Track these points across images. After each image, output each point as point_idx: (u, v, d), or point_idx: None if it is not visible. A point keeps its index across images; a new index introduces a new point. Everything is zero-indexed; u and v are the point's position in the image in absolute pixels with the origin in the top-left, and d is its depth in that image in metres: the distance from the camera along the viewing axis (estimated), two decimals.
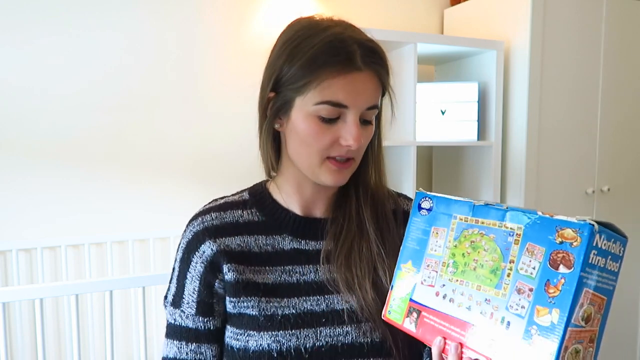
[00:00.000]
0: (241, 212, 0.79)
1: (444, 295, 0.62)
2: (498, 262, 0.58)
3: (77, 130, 1.92)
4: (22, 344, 1.86)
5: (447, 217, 0.65)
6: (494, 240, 0.59)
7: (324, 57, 0.68)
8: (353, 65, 0.68)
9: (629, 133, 2.30)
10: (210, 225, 0.76)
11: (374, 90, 0.71)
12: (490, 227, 0.60)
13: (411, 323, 0.65)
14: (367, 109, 0.71)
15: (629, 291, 2.40)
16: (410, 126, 1.98)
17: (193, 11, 2.05)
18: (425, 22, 2.49)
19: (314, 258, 0.77)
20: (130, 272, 2.00)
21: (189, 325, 0.77)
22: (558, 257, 0.53)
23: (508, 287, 0.56)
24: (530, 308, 0.54)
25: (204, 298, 0.76)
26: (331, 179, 0.73)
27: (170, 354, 0.78)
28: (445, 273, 0.63)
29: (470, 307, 0.59)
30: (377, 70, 0.71)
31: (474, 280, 0.60)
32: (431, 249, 0.65)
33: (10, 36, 1.81)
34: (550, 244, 0.54)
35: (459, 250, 0.62)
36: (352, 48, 0.69)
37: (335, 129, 0.70)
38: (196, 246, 0.76)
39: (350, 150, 0.71)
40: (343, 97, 0.68)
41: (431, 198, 0.67)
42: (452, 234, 0.64)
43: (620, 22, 2.19)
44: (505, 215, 0.59)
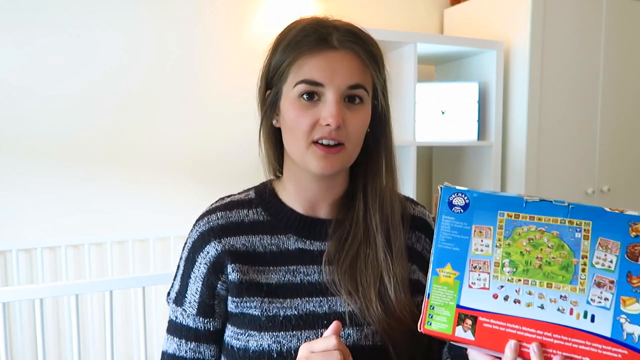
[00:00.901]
0: (247, 211, 0.79)
1: (505, 297, 0.59)
2: (568, 259, 0.57)
3: (77, 130, 1.92)
4: (22, 344, 1.86)
5: (492, 214, 0.60)
6: (559, 237, 0.58)
7: (300, 39, 0.70)
8: (327, 44, 0.70)
9: (629, 133, 2.30)
10: (215, 225, 0.77)
11: (355, 69, 0.70)
12: (551, 223, 0.58)
13: (466, 331, 0.59)
14: (349, 88, 0.70)
15: None
16: (410, 126, 1.98)
17: (193, 11, 2.05)
18: (425, 22, 2.49)
19: (318, 259, 0.76)
20: (130, 272, 2.00)
21: (190, 324, 0.77)
22: (636, 250, 0.55)
23: (585, 282, 0.56)
24: (615, 299, 0.55)
25: (206, 299, 0.76)
26: (317, 165, 0.70)
27: (170, 349, 0.78)
28: (502, 274, 0.59)
29: (543, 305, 0.57)
30: (356, 50, 0.71)
31: (542, 279, 0.58)
32: (476, 250, 0.60)
33: (10, 36, 1.81)
34: (625, 238, 0.55)
35: (515, 249, 0.59)
36: (329, 30, 0.71)
37: (316, 110, 0.70)
38: (201, 246, 0.76)
39: (335, 133, 0.69)
40: (318, 74, 0.69)
41: (464, 193, 0.62)
42: (501, 232, 0.59)
43: (620, 22, 2.19)
44: (567, 211, 0.58)
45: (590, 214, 0.57)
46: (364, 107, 0.73)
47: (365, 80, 0.72)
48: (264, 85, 0.77)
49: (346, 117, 0.70)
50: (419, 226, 0.83)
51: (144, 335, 1.44)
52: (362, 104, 0.72)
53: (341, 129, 0.70)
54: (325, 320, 0.73)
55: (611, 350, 0.55)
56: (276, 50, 0.73)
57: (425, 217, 0.86)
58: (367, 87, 0.72)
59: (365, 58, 0.71)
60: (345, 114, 0.70)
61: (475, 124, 2.11)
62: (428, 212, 0.88)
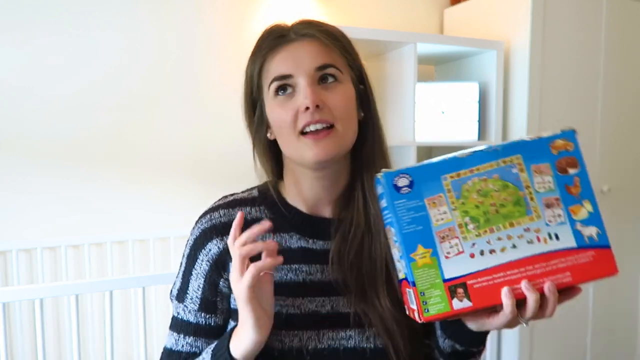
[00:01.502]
0: (249, 209, 0.78)
1: (480, 252, 0.61)
2: (516, 194, 0.61)
3: (77, 130, 1.91)
4: (22, 344, 1.86)
5: (437, 182, 0.62)
6: (501, 179, 0.61)
7: (260, 44, 0.74)
8: (285, 39, 0.72)
9: (629, 133, 2.30)
10: (218, 222, 0.77)
11: (318, 51, 0.71)
12: (490, 169, 0.62)
13: (462, 300, 0.61)
14: (318, 69, 0.70)
15: (629, 291, 2.40)
16: (410, 126, 1.98)
17: (193, 11, 2.05)
18: (425, 22, 2.49)
19: (321, 258, 0.76)
20: (130, 272, 2.00)
21: (190, 319, 0.77)
22: (562, 163, 0.62)
23: (538, 208, 0.61)
24: (566, 212, 0.61)
25: (208, 295, 0.76)
26: (311, 154, 0.69)
27: (168, 344, 0.79)
28: (468, 232, 0.61)
29: (515, 244, 0.61)
30: (314, 35, 0.71)
31: (503, 221, 0.61)
32: (437, 220, 0.61)
33: (10, 36, 1.81)
34: (550, 158, 0.62)
35: (470, 205, 0.61)
36: (285, 28, 0.73)
37: (294, 101, 0.70)
38: (203, 244, 0.76)
39: (318, 114, 0.69)
40: (284, 67, 0.71)
41: (405, 172, 0.62)
42: (451, 195, 0.62)
43: (620, 22, 2.19)
44: (497, 154, 0.62)
45: (516, 148, 0.62)
46: (341, 84, 0.72)
47: (333, 59, 0.72)
48: (249, 104, 0.78)
49: (325, 97, 0.70)
50: None
51: (144, 335, 1.44)
52: (338, 81, 0.72)
53: (323, 109, 0.69)
54: (327, 321, 0.73)
55: (583, 256, 0.61)
56: (247, 67, 0.77)
57: None
58: (337, 65, 0.72)
59: (325, 39, 0.71)
60: (323, 94, 0.70)
61: (475, 124, 2.11)
62: None
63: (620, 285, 2.37)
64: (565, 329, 2.25)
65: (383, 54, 2.13)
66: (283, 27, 0.73)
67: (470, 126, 2.11)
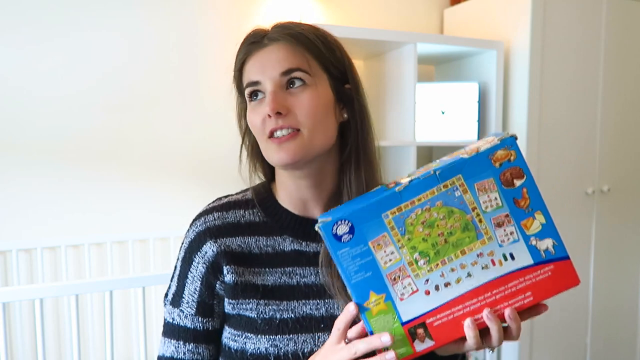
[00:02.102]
0: (243, 212, 0.78)
1: (435, 287, 0.58)
2: (463, 218, 0.57)
3: (77, 130, 1.91)
4: (22, 344, 1.86)
5: (378, 222, 0.57)
6: (445, 205, 0.57)
7: (240, 49, 0.76)
8: (257, 45, 0.73)
9: (629, 133, 2.30)
10: (212, 225, 0.76)
11: (284, 56, 0.71)
12: (431, 197, 0.57)
13: (423, 341, 0.59)
14: (283, 74, 0.70)
15: (629, 291, 2.40)
16: (410, 126, 1.98)
17: (193, 11, 2.05)
18: (425, 22, 2.49)
19: (314, 260, 0.75)
20: (130, 272, 2.00)
21: (187, 325, 0.76)
22: (507, 175, 0.56)
23: (488, 229, 0.57)
24: (518, 228, 0.57)
25: (205, 299, 0.76)
26: (275, 157, 0.70)
27: (167, 353, 0.77)
28: (419, 269, 0.58)
29: (469, 272, 0.58)
30: (283, 39, 0.71)
31: (454, 250, 0.58)
32: (385, 263, 0.58)
33: (10, 36, 1.81)
34: (494, 172, 0.57)
35: (417, 240, 0.58)
36: (261, 32, 0.74)
37: (263, 107, 0.71)
38: (198, 246, 0.76)
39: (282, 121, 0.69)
40: (253, 74, 0.72)
41: (344, 218, 0.58)
42: (396, 233, 0.57)
43: (620, 22, 2.19)
44: (436, 179, 0.57)
45: (455, 169, 0.57)
46: (308, 88, 0.70)
47: (299, 63, 0.71)
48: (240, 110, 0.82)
49: (290, 102, 0.70)
50: None
51: (144, 336, 1.44)
52: (305, 85, 0.70)
53: (287, 116, 0.69)
54: (322, 324, 0.73)
55: (542, 272, 0.58)
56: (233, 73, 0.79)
57: None
58: (304, 68, 0.71)
59: (294, 43, 0.71)
60: (288, 99, 0.70)
61: (475, 124, 2.11)
62: None
63: (620, 285, 2.37)
64: (565, 328, 2.25)
65: (383, 54, 2.13)
66: (259, 33, 0.74)
67: (470, 126, 2.11)
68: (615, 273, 2.34)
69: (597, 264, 2.27)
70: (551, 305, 0.60)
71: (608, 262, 2.31)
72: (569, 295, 2.46)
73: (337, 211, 0.59)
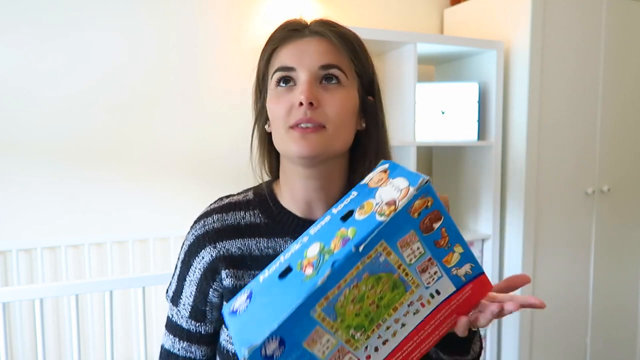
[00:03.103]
0: (244, 213, 0.78)
1: (374, 349, 0.57)
2: (390, 279, 0.55)
3: (77, 130, 1.92)
4: (22, 344, 1.86)
5: (308, 320, 0.52)
6: (371, 274, 0.54)
7: (274, 36, 0.75)
8: (298, 33, 0.73)
9: (629, 133, 2.30)
10: (211, 228, 0.76)
11: (325, 51, 0.70)
12: (356, 273, 0.53)
13: None
14: (321, 68, 0.69)
15: (629, 291, 2.40)
16: (410, 126, 1.98)
17: (193, 11, 2.05)
18: (425, 22, 2.49)
19: None
20: (130, 272, 2.00)
21: (183, 325, 0.79)
22: (426, 222, 0.55)
23: (415, 279, 0.56)
24: (441, 266, 0.57)
25: (198, 304, 0.77)
26: (295, 147, 0.68)
27: (166, 345, 0.81)
28: (357, 341, 0.56)
29: (403, 323, 0.57)
30: (326, 34, 0.71)
31: (386, 311, 0.56)
32: (323, 353, 0.54)
33: (10, 36, 1.81)
34: (413, 224, 0.54)
35: (349, 318, 0.55)
36: (302, 23, 0.74)
37: (292, 95, 0.70)
38: (197, 251, 0.76)
39: (311, 113, 0.68)
40: (289, 59, 0.71)
41: (271, 336, 0.51)
42: (327, 322, 0.53)
43: (620, 22, 2.19)
44: (359, 254, 0.53)
45: (376, 238, 0.53)
46: (342, 88, 0.71)
47: (339, 61, 0.71)
48: (257, 92, 0.79)
49: (322, 98, 0.69)
50: None
51: (144, 335, 1.44)
52: (340, 84, 0.70)
53: (318, 110, 0.68)
54: None
55: (464, 294, 0.59)
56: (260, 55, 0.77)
57: None
58: (342, 67, 0.71)
59: (336, 40, 0.71)
60: (321, 94, 0.69)
61: (475, 124, 2.11)
62: None
63: (620, 285, 2.37)
64: (565, 328, 2.25)
65: (383, 54, 2.13)
66: (299, 23, 0.74)
67: (470, 126, 2.11)
68: (615, 273, 2.34)
69: (597, 264, 2.27)
70: (551, 305, 0.60)
71: (608, 262, 2.31)
72: (569, 295, 2.44)
73: (260, 329, 0.51)
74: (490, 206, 2.16)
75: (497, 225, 2.17)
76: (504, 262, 2.21)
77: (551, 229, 2.15)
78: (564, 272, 2.20)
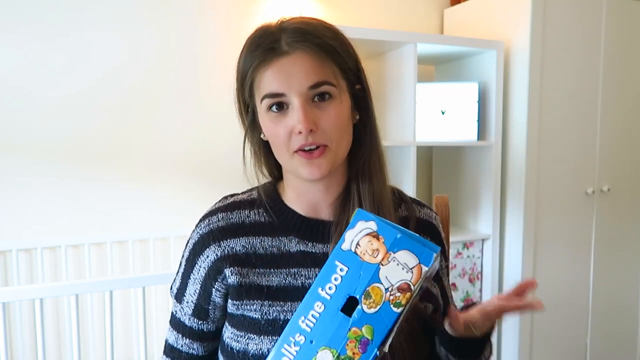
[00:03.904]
0: (248, 212, 0.78)
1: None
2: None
3: (77, 130, 1.91)
4: (22, 344, 1.86)
5: None
6: None
7: (252, 52, 0.70)
8: (276, 52, 0.68)
9: (629, 133, 2.30)
10: (216, 227, 0.77)
11: (311, 68, 0.68)
12: None
13: None
14: (311, 88, 0.68)
15: (629, 291, 2.40)
16: (410, 126, 1.98)
17: (193, 11, 2.05)
18: (425, 22, 2.49)
19: (320, 261, 0.75)
20: (130, 272, 2.00)
21: (186, 322, 0.80)
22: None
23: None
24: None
25: (201, 302, 0.77)
26: (305, 171, 0.70)
27: (170, 340, 0.83)
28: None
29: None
30: (307, 49, 0.68)
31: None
32: None
33: (10, 36, 1.81)
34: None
35: None
36: (275, 36, 0.69)
37: (288, 118, 0.69)
38: (201, 250, 0.77)
39: (312, 137, 0.68)
40: (276, 85, 0.68)
41: None
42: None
43: (620, 22, 2.19)
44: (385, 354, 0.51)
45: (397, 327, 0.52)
46: (335, 102, 0.70)
47: (326, 76, 0.69)
48: (241, 105, 0.78)
49: (319, 118, 0.69)
50: (424, 229, 0.83)
51: (144, 335, 1.44)
52: (332, 98, 0.70)
53: (317, 132, 0.68)
54: None
55: None
56: (238, 69, 0.74)
57: (431, 220, 0.85)
58: (331, 80, 0.70)
59: (318, 54, 0.69)
60: (317, 114, 0.69)
61: (475, 124, 2.11)
62: (435, 214, 0.88)
63: (620, 285, 2.37)
64: (565, 328, 2.25)
65: (383, 54, 2.13)
66: (273, 35, 0.69)
67: (470, 126, 2.11)
68: (615, 273, 2.34)
69: (597, 264, 2.27)
70: (551, 304, 0.60)
71: (608, 262, 2.30)
72: (569, 295, 2.44)
73: None
74: (490, 206, 2.15)
75: (497, 225, 2.17)
76: (504, 262, 2.21)
77: (551, 229, 2.15)
78: (564, 272, 2.20)
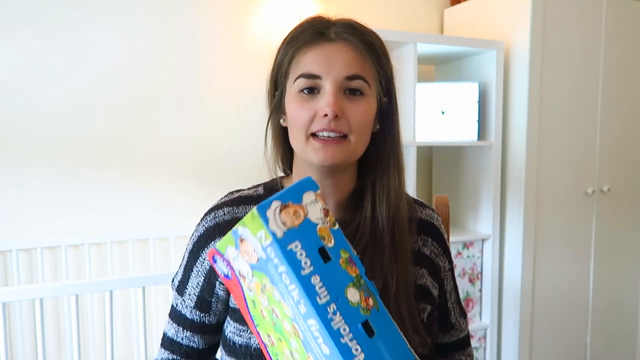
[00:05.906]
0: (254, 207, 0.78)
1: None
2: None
3: (77, 130, 1.92)
4: (22, 344, 1.86)
5: None
6: None
7: (298, 34, 0.72)
8: (324, 37, 0.71)
9: (629, 133, 2.30)
10: (221, 221, 0.77)
11: (352, 60, 0.70)
12: None
13: None
14: (347, 79, 0.69)
15: (629, 291, 2.40)
16: (410, 126, 1.98)
17: (193, 11, 2.05)
18: (425, 22, 2.49)
19: None
20: (130, 272, 2.00)
21: (187, 315, 0.79)
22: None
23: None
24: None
25: (205, 295, 0.77)
26: (317, 156, 0.70)
27: (170, 333, 0.82)
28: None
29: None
30: (353, 41, 0.70)
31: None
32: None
33: (10, 36, 1.81)
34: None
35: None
36: (326, 24, 0.72)
37: (315, 103, 0.70)
38: (206, 242, 0.77)
39: (334, 124, 0.68)
40: (315, 67, 0.70)
41: None
42: None
43: (620, 22, 2.19)
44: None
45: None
46: (365, 99, 0.71)
47: (364, 72, 0.71)
48: (272, 87, 0.78)
49: (346, 108, 0.70)
50: (425, 230, 0.83)
51: (144, 335, 1.44)
52: (364, 95, 0.71)
53: (341, 120, 0.69)
54: None
55: None
56: (279, 51, 0.75)
57: (432, 220, 0.85)
58: (367, 78, 0.71)
59: (362, 49, 0.71)
60: (345, 105, 0.70)
61: (475, 124, 2.11)
62: (437, 215, 0.88)
63: (620, 285, 2.37)
64: (565, 328, 2.25)
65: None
66: (325, 23, 0.72)
67: (470, 126, 2.11)
68: (615, 273, 2.34)
69: (597, 264, 2.27)
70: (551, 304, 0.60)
71: (608, 262, 2.30)
72: (569, 295, 2.44)
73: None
74: (490, 206, 2.16)
75: (497, 225, 2.17)
76: (504, 262, 2.21)
77: (551, 229, 2.15)
78: (564, 272, 2.20)
